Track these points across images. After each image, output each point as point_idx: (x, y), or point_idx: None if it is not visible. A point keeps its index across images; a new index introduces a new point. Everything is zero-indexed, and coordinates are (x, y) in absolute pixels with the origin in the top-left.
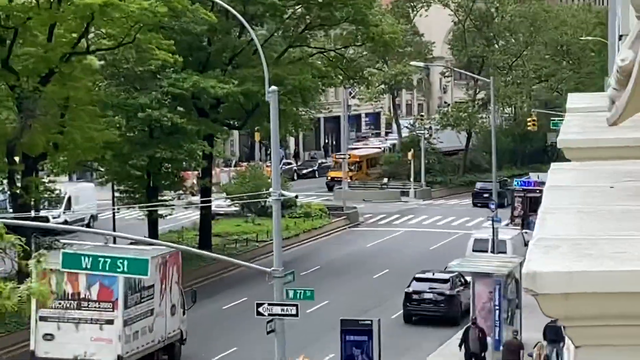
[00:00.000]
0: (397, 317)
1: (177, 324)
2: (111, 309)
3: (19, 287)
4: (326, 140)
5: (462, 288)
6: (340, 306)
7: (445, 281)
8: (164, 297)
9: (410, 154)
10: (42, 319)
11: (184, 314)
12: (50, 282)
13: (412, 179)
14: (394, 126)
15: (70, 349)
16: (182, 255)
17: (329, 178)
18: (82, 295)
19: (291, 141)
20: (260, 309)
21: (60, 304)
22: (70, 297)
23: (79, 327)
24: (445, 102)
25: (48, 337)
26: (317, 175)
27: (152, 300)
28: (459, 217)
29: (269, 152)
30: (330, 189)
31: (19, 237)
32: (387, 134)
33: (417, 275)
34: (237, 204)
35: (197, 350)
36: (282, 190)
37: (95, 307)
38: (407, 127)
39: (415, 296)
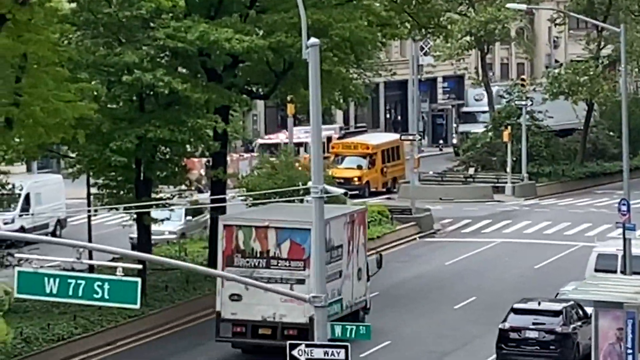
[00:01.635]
0: None
1: (362, 290)
2: (302, 268)
3: None
4: (388, 115)
5: (579, 324)
6: (407, 348)
7: (555, 314)
8: (351, 259)
9: (506, 134)
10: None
11: (368, 280)
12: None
13: (508, 170)
14: (479, 94)
15: (258, 310)
16: (186, 277)
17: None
18: (271, 254)
19: (338, 115)
20: (295, 352)
21: (248, 262)
22: (258, 255)
23: None
24: (556, 61)
25: (235, 297)
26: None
27: (340, 261)
28: (575, 224)
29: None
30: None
31: None
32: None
33: (516, 306)
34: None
35: None
36: (325, 184)
37: (285, 265)
38: (502, 95)
39: (513, 335)
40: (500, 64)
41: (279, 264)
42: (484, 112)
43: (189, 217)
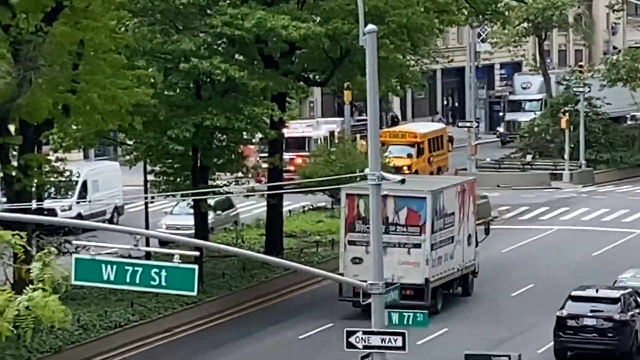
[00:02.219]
0: (546, 352)
1: (472, 255)
2: (419, 233)
3: (15, 299)
4: (445, 101)
5: (637, 311)
6: (464, 335)
7: (613, 301)
8: (462, 225)
9: (564, 121)
10: (351, 242)
11: (476, 246)
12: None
13: (566, 157)
14: (526, 82)
15: None
16: (243, 264)
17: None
18: (390, 220)
19: (395, 102)
20: (351, 339)
21: (368, 228)
22: None
23: (387, 251)
24: (614, 48)
25: (356, 260)
26: None
27: (452, 227)
28: (633, 211)
29: (363, 117)
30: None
31: (18, 233)
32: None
33: (574, 293)
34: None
35: None
36: (382, 171)
37: (403, 231)
38: (560, 82)
39: (571, 322)
40: (558, 50)
41: (397, 230)
42: (530, 100)
43: (219, 212)
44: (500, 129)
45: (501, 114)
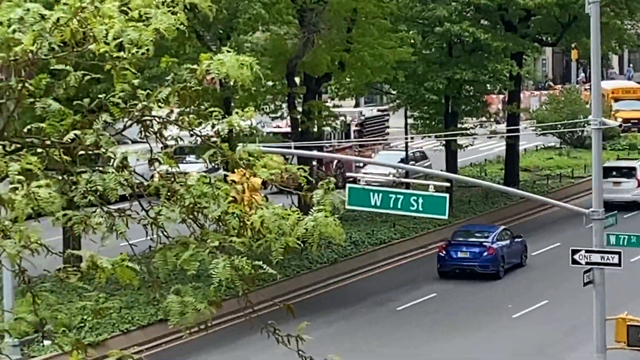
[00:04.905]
0: None
1: None
2: None
3: (303, 219)
4: None
5: None
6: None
7: None
8: None
9: None
10: None
11: None
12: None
13: None
14: None
15: None
16: (485, 193)
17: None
18: None
19: (614, 60)
20: (576, 257)
21: None
22: None
23: None
24: None
25: None
26: None
27: None
28: None
29: (586, 72)
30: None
31: (302, 167)
32: None
33: None
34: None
35: (504, 300)
36: (603, 117)
37: None
38: None
39: None
40: None
41: None
42: None
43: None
44: None
45: None
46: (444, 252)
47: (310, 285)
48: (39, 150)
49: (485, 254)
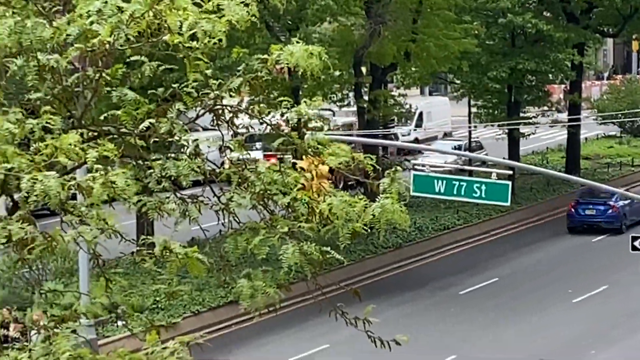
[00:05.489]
0: None
1: None
2: None
3: (370, 206)
4: None
5: None
6: None
7: None
8: None
9: None
10: None
11: None
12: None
13: None
14: None
15: None
16: (547, 180)
17: None
18: None
19: None
20: (636, 243)
21: None
22: None
23: None
24: None
25: None
26: None
27: None
28: None
29: None
30: None
31: (369, 156)
32: None
33: None
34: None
35: (564, 286)
36: None
37: None
38: None
39: None
40: None
41: None
42: None
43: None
44: None
45: None
46: (573, 210)
47: (375, 270)
48: (115, 137)
49: (610, 211)
